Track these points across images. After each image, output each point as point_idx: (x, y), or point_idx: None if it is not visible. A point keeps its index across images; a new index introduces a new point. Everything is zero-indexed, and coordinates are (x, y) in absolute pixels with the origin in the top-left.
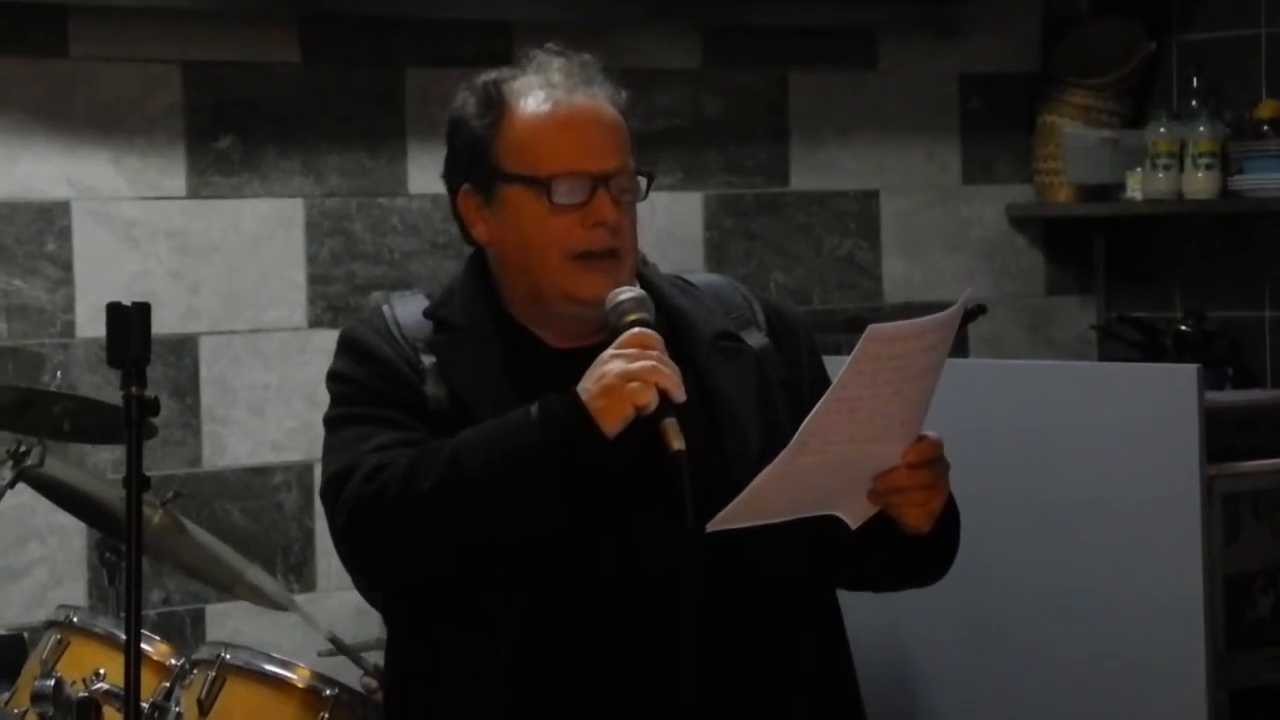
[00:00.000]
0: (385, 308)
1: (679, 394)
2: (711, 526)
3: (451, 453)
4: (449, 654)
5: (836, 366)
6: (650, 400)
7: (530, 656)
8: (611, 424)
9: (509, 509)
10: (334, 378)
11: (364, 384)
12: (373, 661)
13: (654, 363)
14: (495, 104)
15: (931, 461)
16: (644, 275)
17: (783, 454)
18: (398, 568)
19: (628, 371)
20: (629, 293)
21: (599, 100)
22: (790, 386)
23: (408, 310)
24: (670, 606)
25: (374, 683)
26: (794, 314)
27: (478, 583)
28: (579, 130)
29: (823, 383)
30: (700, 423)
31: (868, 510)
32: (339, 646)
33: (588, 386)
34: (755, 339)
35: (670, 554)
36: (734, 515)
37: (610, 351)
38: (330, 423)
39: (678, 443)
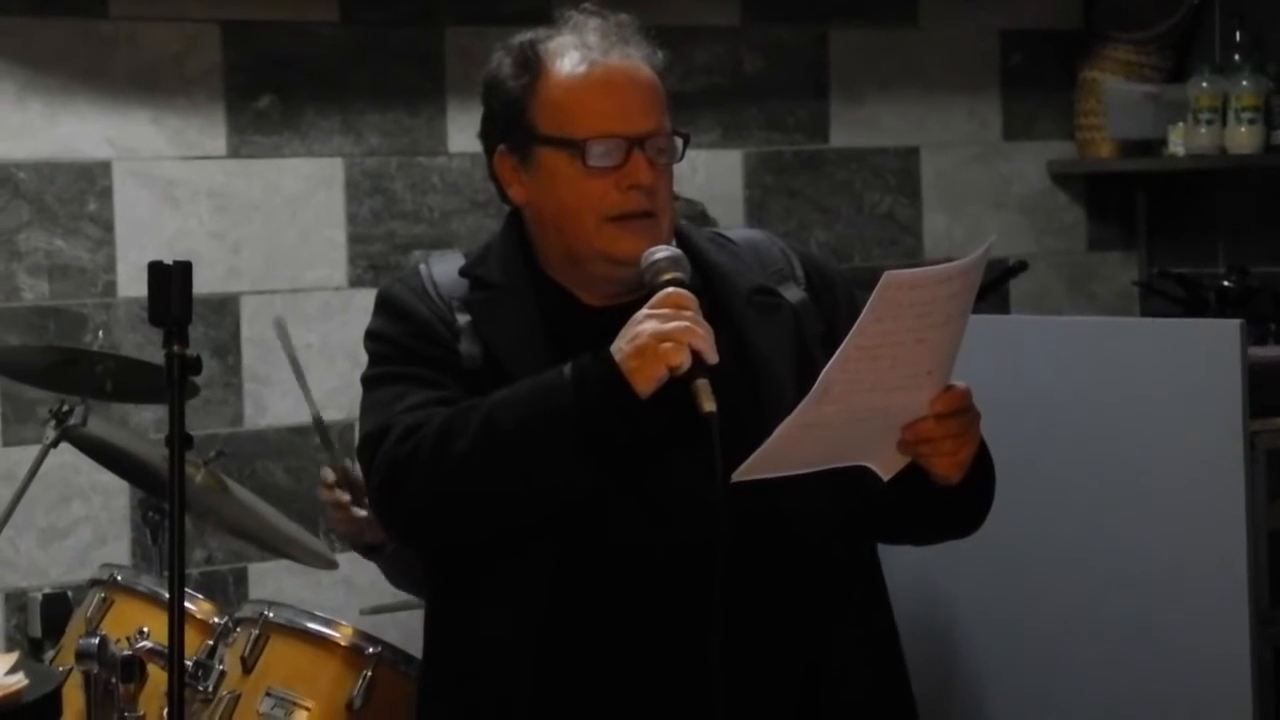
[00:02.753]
0: (422, 266)
1: (712, 355)
2: (737, 476)
3: (485, 413)
4: (485, 608)
5: None
6: (684, 361)
7: (563, 615)
8: (644, 384)
9: (541, 469)
10: (370, 337)
11: (399, 343)
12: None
13: (688, 323)
14: (531, 65)
15: (960, 411)
16: (682, 232)
17: (804, 402)
18: (432, 526)
19: (661, 332)
20: (664, 251)
21: (635, 61)
22: (828, 341)
23: (444, 269)
24: (703, 565)
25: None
26: (833, 268)
27: (512, 541)
28: (614, 92)
29: None
30: (737, 379)
31: (898, 461)
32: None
33: (621, 346)
34: (793, 294)
35: (704, 514)
36: (758, 465)
37: (644, 311)
38: (367, 382)
39: (709, 404)
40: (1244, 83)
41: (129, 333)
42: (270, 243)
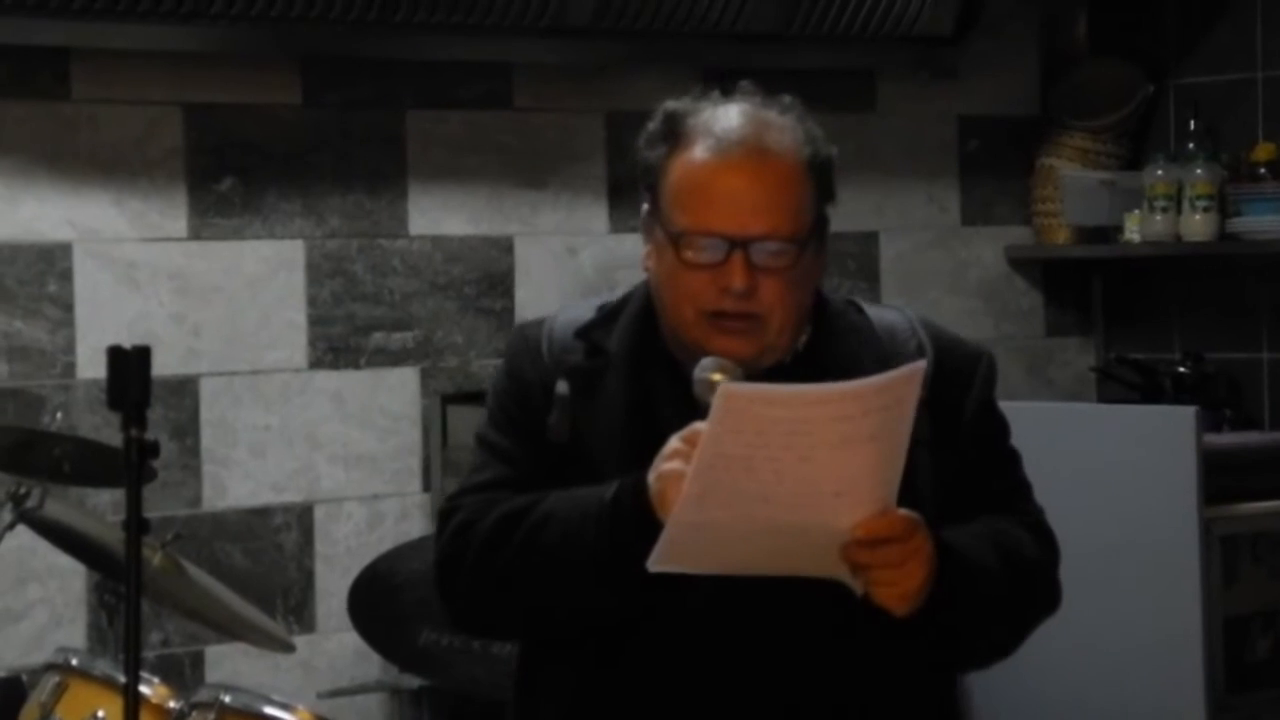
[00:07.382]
0: (551, 314)
1: None
2: (650, 565)
3: (528, 529)
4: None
5: None
6: None
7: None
8: None
9: (571, 590)
10: (491, 384)
11: (501, 403)
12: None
13: None
14: (667, 138)
15: (890, 539)
16: (821, 311)
17: (680, 500)
18: (479, 622)
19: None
20: (712, 365)
21: (775, 151)
22: (936, 446)
23: (569, 321)
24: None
25: None
26: (970, 358)
27: (556, 633)
28: (729, 187)
29: (987, 435)
30: None
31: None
32: None
33: (651, 482)
34: None
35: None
36: (665, 557)
37: (673, 444)
38: (478, 429)
39: None
40: (1198, 171)
41: (87, 414)
42: (230, 324)
